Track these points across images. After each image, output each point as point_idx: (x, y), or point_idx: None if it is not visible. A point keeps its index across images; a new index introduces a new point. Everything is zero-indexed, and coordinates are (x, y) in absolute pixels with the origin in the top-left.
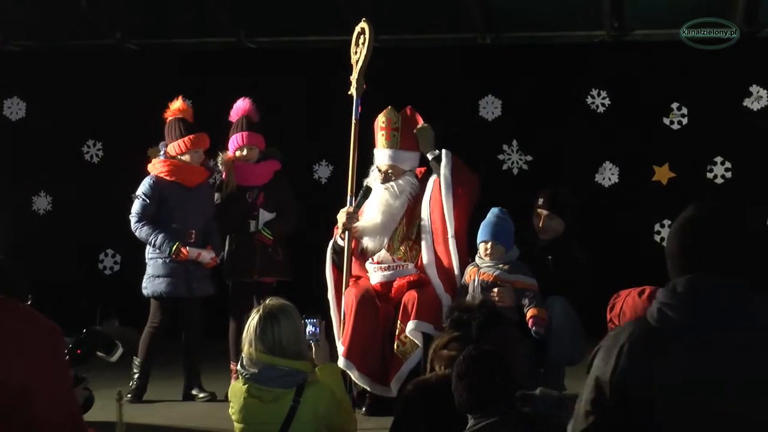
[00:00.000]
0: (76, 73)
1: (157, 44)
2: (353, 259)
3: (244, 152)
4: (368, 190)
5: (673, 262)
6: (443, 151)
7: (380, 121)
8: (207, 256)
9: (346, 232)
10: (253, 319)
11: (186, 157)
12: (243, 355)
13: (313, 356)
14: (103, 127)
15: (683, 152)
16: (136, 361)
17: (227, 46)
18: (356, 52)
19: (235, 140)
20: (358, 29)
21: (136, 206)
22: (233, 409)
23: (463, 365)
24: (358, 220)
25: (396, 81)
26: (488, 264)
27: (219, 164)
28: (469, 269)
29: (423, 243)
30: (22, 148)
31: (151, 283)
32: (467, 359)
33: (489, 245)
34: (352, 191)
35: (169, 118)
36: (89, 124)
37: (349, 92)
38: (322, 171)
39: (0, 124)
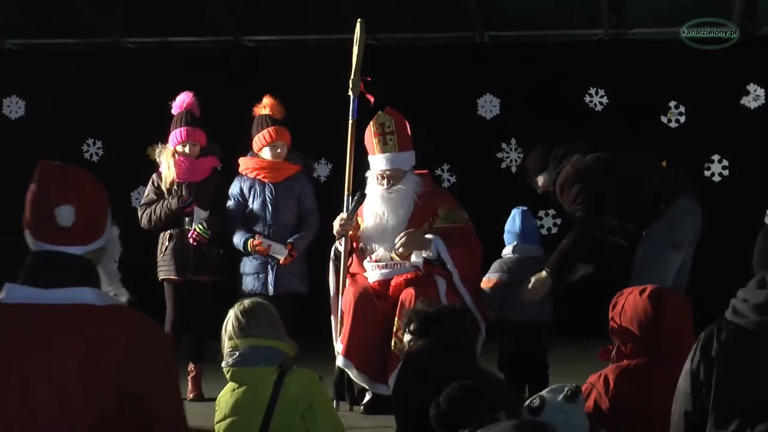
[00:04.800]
0: (75, 72)
1: (155, 43)
2: (352, 256)
3: (186, 148)
4: (363, 196)
5: (760, 258)
6: (435, 245)
7: (373, 127)
8: (278, 250)
9: (342, 239)
10: (229, 318)
11: (265, 152)
12: (224, 352)
13: None
14: (103, 125)
15: (681, 150)
16: None
17: (225, 45)
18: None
19: (176, 135)
20: (356, 29)
21: (227, 206)
22: (221, 413)
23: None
24: (352, 227)
25: (394, 80)
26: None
27: (157, 157)
28: None
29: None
30: (22, 146)
31: (242, 281)
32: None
33: None
34: (349, 191)
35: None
36: (89, 123)
37: (349, 92)
38: (321, 169)
39: None
